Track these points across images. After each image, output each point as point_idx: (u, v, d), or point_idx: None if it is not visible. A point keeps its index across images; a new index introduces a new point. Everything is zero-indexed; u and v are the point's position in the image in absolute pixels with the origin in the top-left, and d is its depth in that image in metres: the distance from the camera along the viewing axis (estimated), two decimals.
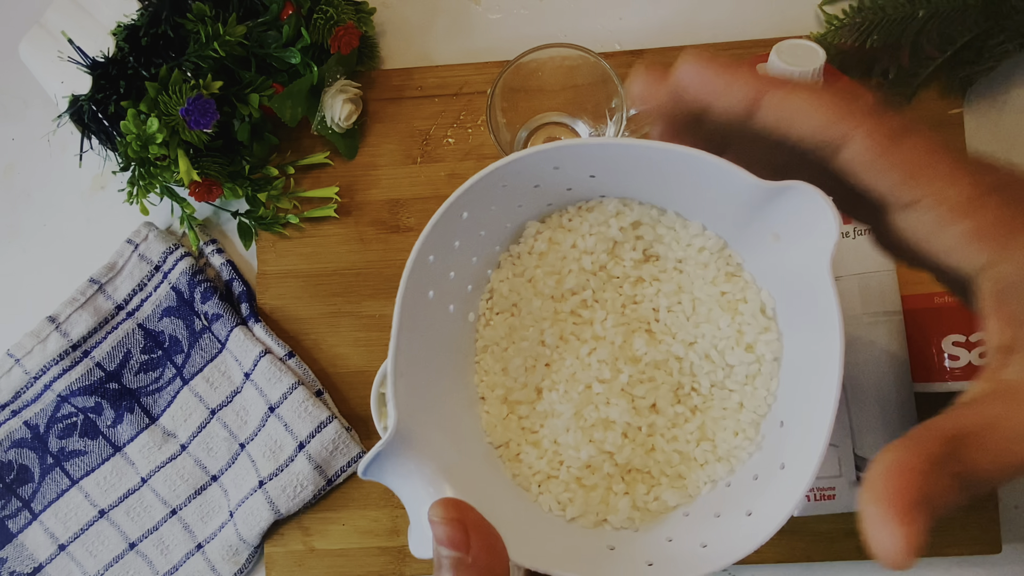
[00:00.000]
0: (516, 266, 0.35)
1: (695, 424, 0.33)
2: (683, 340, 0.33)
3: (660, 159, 0.28)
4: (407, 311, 0.30)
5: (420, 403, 0.31)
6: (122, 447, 0.59)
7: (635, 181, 0.31)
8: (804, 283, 0.28)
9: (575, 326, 0.35)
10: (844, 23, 0.55)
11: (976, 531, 0.53)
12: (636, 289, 0.34)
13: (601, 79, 0.49)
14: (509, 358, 0.35)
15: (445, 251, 0.32)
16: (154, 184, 0.55)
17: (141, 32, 0.53)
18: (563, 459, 0.33)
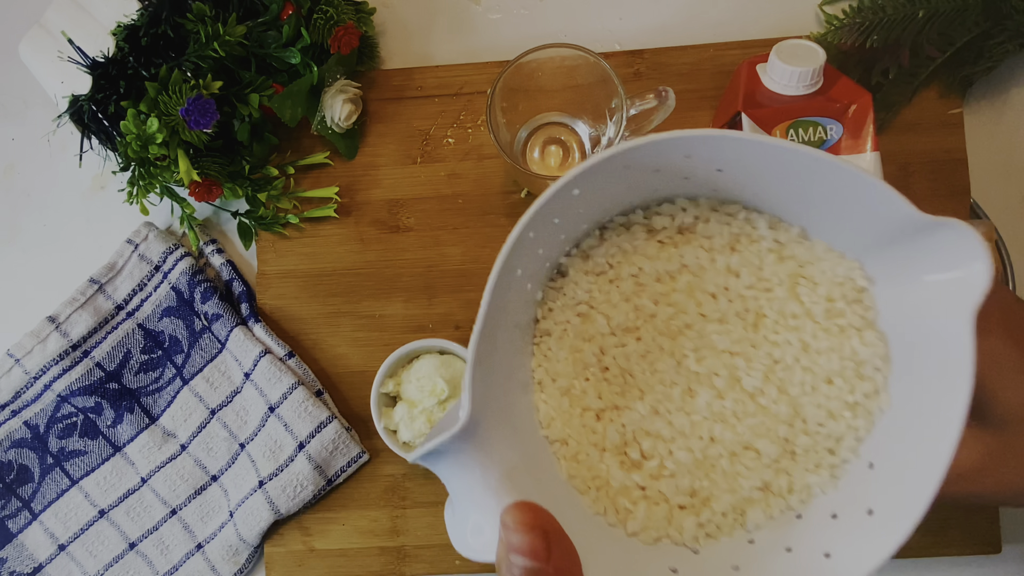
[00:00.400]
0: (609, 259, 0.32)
1: (775, 449, 0.30)
2: (783, 356, 0.30)
3: (808, 167, 0.26)
4: (499, 291, 0.27)
5: (487, 389, 0.28)
6: (122, 447, 0.59)
7: (764, 184, 0.28)
8: (930, 328, 0.26)
9: (665, 335, 0.31)
10: (844, 23, 0.55)
11: (976, 531, 0.53)
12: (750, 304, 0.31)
13: (601, 79, 0.49)
14: (579, 347, 0.31)
15: (543, 228, 0.29)
16: (154, 184, 0.55)
17: (141, 32, 0.53)
18: (625, 462, 0.30)
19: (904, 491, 0.25)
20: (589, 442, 0.31)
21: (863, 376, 0.29)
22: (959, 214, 0.55)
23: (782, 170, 0.27)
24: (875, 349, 0.29)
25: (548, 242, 0.31)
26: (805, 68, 0.46)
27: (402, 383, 0.55)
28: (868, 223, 0.27)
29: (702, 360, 0.31)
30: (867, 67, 0.55)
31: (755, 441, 0.30)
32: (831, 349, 0.29)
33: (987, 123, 0.57)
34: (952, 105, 0.56)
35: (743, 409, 0.30)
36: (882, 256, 0.28)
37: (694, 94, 0.57)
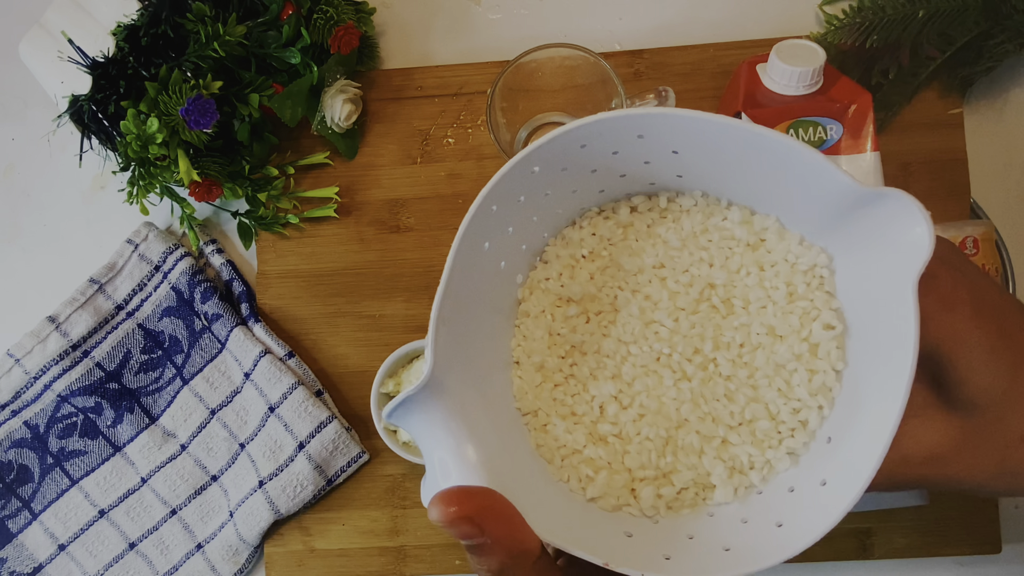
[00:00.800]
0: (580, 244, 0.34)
1: (737, 426, 0.31)
2: (748, 339, 0.31)
3: (756, 145, 0.27)
4: (461, 257, 0.29)
5: (456, 356, 0.29)
6: (122, 447, 0.59)
7: (717, 165, 0.29)
8: (881, 301, 0.26)
9: (633, 306, 0.33)
10: (844, 23, 0.55)
11: (976, 531, 0.53)
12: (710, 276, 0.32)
13: (601, 79, 0.49)
14: (553, 327, 0.33)
15: (509, 203, 0.30)
16: (154, 184, 0.55)
17: (141, 32, 0.53)
18: (593, 435, 0.32)
19: (855, 462, 0.26)
20: (558, 414, 0.32)
21: (825, 357, 0.30)
22: (959, 214, 0.55)
23: (725, 148, 0.28)
24: (835, 331, 0.29)
25: (519, 222, 0.32)
26: (805, 68, 0.46)
27: (402, 383, 0.55)
28: (814, 199, 0.28)
29: (672, 344, 0.32)
30: (867, 67, 0.55)
31: (721, 421, 0.31)
32: (794, 332, 0.30)
33: (987, 123, 0.57)
34: (952, 105, 0.56)
35: (710, 391, 0.31)
36: (834, 233, 0.29)
37: (694, 94, 0.57)
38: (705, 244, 0.32)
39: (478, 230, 0.29)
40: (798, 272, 0.30)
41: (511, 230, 0.32)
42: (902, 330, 0.25)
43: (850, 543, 0.54)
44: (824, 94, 0.48)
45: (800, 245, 0.31)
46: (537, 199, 0.31)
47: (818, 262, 0.30)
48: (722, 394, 0.31)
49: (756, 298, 0.31)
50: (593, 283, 0.33)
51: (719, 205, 0.32)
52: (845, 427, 0.29)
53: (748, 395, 0.31)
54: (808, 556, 0.54)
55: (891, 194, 0.25)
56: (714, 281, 0.32)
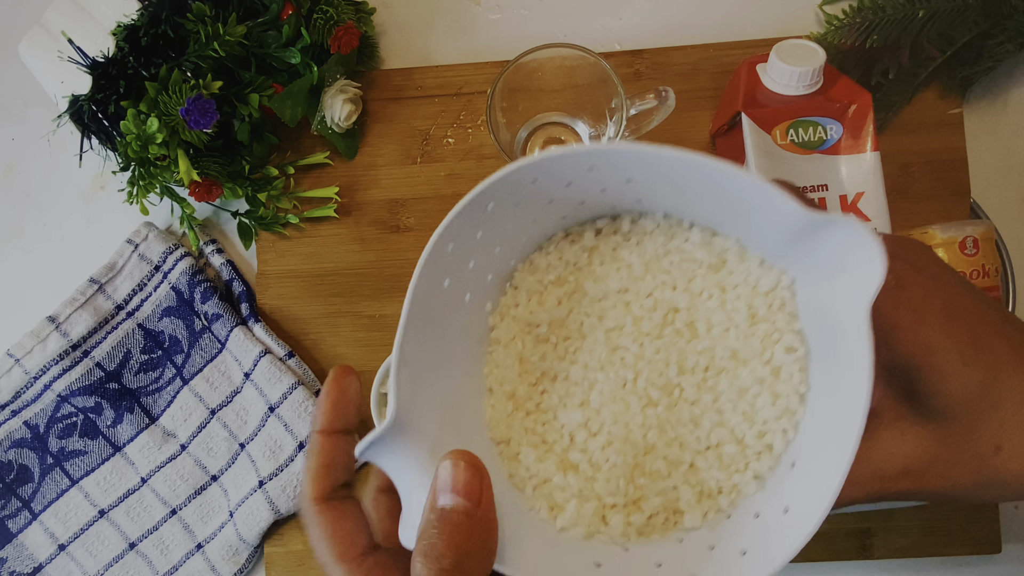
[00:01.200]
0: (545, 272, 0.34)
1: (705, 450, 0.31)
2: (712, 363, 0.31)
3: (700, 174, 0.27)
4: (419, 300, 0.29)
5: (424, 393, 0.29)
6: (122, 447, 0.59)
7: (673, 190, 0.30)
8: (836, 322, 0.26)
9: (600, 333, 0.33)
10: (844, 23, 0.55)
11: (976, 531, 0.53)
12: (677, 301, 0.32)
13: (601, 79, 0.49)
14: (524, 354, 0.33)
15: (466, 241, 0.30)
16: (154, 184, 0.55)
17: (141, 32, 0.53)
18: (563, 463, 0.32)
19: (816, 488, 0.26)
20: (529, 443, 0.32)
21: (787, 380, 0.30)
22: (959, 214, 0.55)
23: (675, 177, 0.28)
24: (797, 353, 0.29)
25: (480, 256, 0.32)
26: (805, 68, 0.46)
27: None
28: (769, 223, 0.28)
29: (638, 370, 0.32)
30: (867, 67, 0.55)
31: (688, 446, 0.31)
32: (756, 355, 0.30)
33: (987, 123, 0.57)
34: (952, 105, 0.56)
35: (676, 417, 0.31)
36: (793, 255, 0.29)
37: (694, 94, 0.57)
38: (668, 267, 0.32)
39: (435, 271, 0.29)
40: (759, 294, 0.30)
41: (472, 264, 0.31)
42: (858, 355, 0.25)
43: (850, 543, 0.54)
44: (824, 94, 0.48)
45: (760, 267, 0.30)
46: (497, 232, 0.31)
47: (779, 283, 0.30)
48: (688, 419, 0.31)
49: (718, 321, 0.31)
50: (561, 308, 0.33)
51: (681, 227, 0.32)
52: (808, 452, 0.28)
53: (714, 420, 0.31)
54: (808, 556, 0.54)
55: (839, 221, 0.24)
56: (677, 305, 0.32)
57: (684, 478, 0.31)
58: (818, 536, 0.57)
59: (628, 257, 0.33)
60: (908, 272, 0.27)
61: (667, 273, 0.32)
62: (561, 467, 0.32)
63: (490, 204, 0.29)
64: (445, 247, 0.29)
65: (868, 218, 0.47)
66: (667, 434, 0.31)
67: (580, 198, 0.31)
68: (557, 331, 0.33)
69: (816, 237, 0.26)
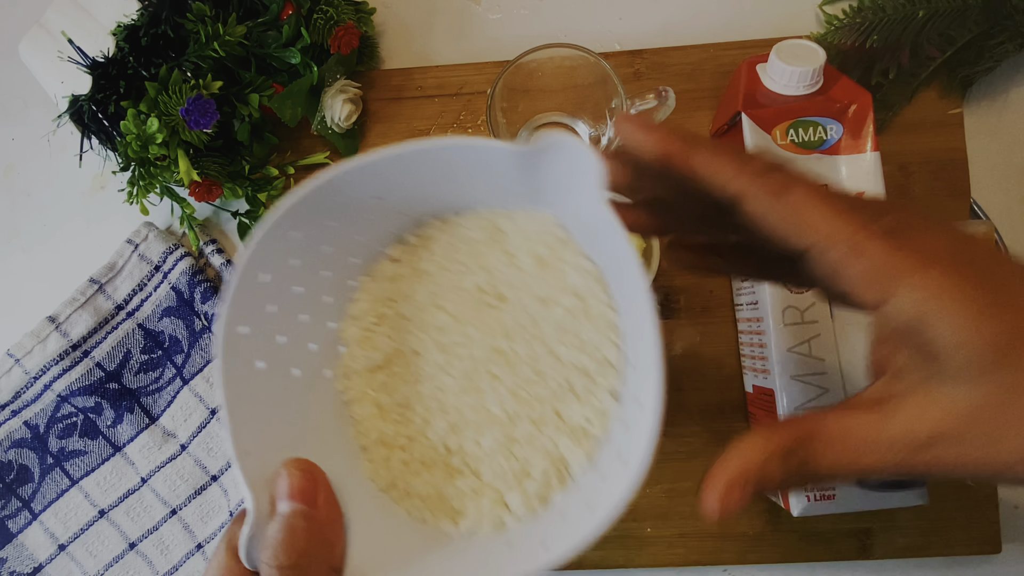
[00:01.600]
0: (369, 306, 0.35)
1: (561, 396, 0.32)
2: (528, 316, 0.33)
3: (422, 160, 0.29)
4: (233, 388, 0.30)
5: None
6: (122, 447, 0.59)
7: (420, 191, 0.32)
8: (596, 234, 0.29)
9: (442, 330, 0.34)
10: (844, 23, 0.55)
11: (976, 531, 0.53)
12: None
13: (601, 79, 0.49)
14: (378, 399, 0.34)
15: (258, 319, 0.30)
16: (154, 184, 0.55)
17: (141, 32, 0.53)
18: (450, 472, 0.33)
19: (650, 377, 0.26)
20: (412, 474, 0.33)
21: (594, 298, 0.31)
22: (959, 214, 0.55)
23: (409, 177, 0.30)
24: (589, 272, 0.31)
25: (285, 327, 0.32)
26: (805, 68, 0.46)
27: None
28: (501, 175, 0.30)
29: (474, 356, 0.33)
30: (867, 67, 0.55)
31: (544, 399, 0.32)
32: (560, 292, 0.32)
33: (987, 123, 0.57)
34: (952, 105, 0.56)
35: (523, 379, 0.32)
36: (542, 197, 0.31)
37: (694, 94, 0.57)
38: (458, 259, 0.34)
39: (239, 358, 0.30)
40: (536, 241, 0.32)
41: (284, 339, 0.32)
42: (621, 248, 0.26)
43: (850, 543, 0.54)
44: (824, 94, 0.48)
45: (527, 219, 0.32)
46: (293, 301, 0.32)
47: (546, 225, 0.32)
48: (533, 375, 0.32)
49: (516, 280, 0.33)
50: (393, 341, 0.34)
51: (453, 220, 0.34)
52: (636, 348, 0.29)
53: (553, 365, 0.32)
54: (808, 556, 0.54)
55: (542, 143, 0.26)
56: (480, 285, 0.33)
57: (556, 429, 0.32)
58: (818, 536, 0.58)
59: (426, 267, 0.34)
60: (909, 218, 0.24)
61: (460, 263, 0.34)
62: (448, 478, 0.32)
63: (266, 276, 0.30)
64: (234, 331, 0.30)
65: None
66: (522, 398, 0.32)
67: (354, 236, 0.33)
68: (397, 362, 0.34)
69: (542, 169, 0.28)
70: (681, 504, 0.55)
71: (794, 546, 0.54)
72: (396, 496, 0.33)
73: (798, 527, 0.54)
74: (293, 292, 0.32)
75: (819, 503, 0.46)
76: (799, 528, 0.54)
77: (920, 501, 0.46)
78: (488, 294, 0.33)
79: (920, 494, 0.46)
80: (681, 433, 0.55)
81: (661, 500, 0.55)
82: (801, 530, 0.54)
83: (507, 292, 0.33)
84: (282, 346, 0.32)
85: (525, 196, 0.32)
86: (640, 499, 0.55)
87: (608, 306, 0.31)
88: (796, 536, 0.54)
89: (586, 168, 0.26)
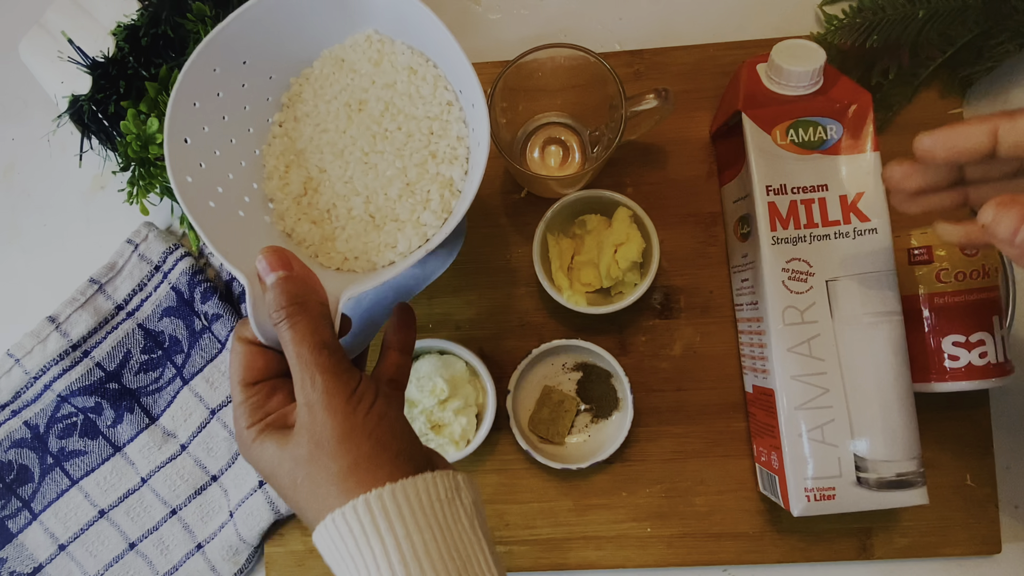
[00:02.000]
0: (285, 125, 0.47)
1: (427, 157, 0.44)
2: (386, 103, 0.45)
3: (267, 15, 0.41)
4: (199, 217, 0.39)
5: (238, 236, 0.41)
6: (122, 447, 0.59)
7: (277, 43, 0.44)
8: (408, 22, 0.42)
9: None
10: (844, 23, 0.55)
11: (976, 531, 0.53)
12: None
13: (601, 79, 0.49)
14: (292, 163, 0.46)
15: (197, 136, 0.42)
16: (154, 184, 0.55)
17: (141, 32, 0.53)
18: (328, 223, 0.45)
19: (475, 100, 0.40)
20: (347, 240, 0.44)
21: (433, 78, 0.44)
22: (959, 214, 0.55)
23: (259, 35, 0.42)
24: (425, 64, 0.45)
25: (223, 142, 0.44)
26: (805, 68, 0.46)
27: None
28: (330, 16, 0.44)
29: (352, 139, 0.45)
30: (867, 67, 0.55)
31: (420, 161, 0.44)
32: (404, 81, 0.45)
33: None
34: (952, 105, 0.56)
35: (392, 147, 0.44)
36: (361, 20, 0.44)
37: (694, 94, 0.57)
38: (321, 94, 0.45)
39: (194, 193, 0.40)
40: (368, 51, 0.45)
41: (221, 190, 0.43)
42: (424, 23, 0.40)
43: (850, 543, 0.54)
44: (824, 94, 0.48)
45: (354, 41, 0.45)
46: (216, 134, 0.43)
47: (370, 38, 0.45)
48: (404, 137, 0.44)
49: (365, 83, 0.45)
50: (303, 171, 0.46)
51: (307, 71, 0.46)
52: (465, 89, 0.42)
53: (415, 123, 0.44)
54: (808, 556, 0.54)
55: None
56: (343, 101, 0.45)
57: (435, 162, 0.44)
58: (818, 536, 0.58)
59: (302, 111, 0.46)
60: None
61: (325, 95, 0.46)
62: (377, 230, 0.44)
63: (196, 102, 0.42)
64: (187, 102, 0.41)
65: (868, 218, 0.47)
66: (404, 154, 0.44)
67: (266, 75, 0.45)
68: (311, 183, 0.46)
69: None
70: (681, 504, 0.55)
71: (794, 546, 0.54)
72: (348, 265, 0.45)
73: (798, 527, 0.54)
74: (222, 117, 0.44)
75: (819, 503, 0.46)
76: (799, 528, 0.54)
77: (920, 501, 0.46)
78: (352, 107, 0.45)
79: (920, 494, 0.46)
80: (681, 433, 0.55)
81: (661, 500, 0.55)
82: (801, 530, 0.54)
83: (363, 96, 0.45)
84: (222, 195, 0.43)
85: (348, 25, 0.45)
86: (640, 499, 0.55)
87: (432, 65, 0.44)
88: (796, 536, 0.54)
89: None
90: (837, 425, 0.46)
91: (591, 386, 0.56)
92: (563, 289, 0.53)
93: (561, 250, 0.55)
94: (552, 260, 0.54)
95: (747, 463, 0.55)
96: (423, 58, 0.45)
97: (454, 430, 0.53)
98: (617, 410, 0.55)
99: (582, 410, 0.56)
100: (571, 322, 0.56)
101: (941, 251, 0.48)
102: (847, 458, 0.46)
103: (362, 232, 0.45)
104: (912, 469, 0.46)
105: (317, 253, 0.46)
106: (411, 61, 0.45)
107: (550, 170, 0.56)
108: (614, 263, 0.53)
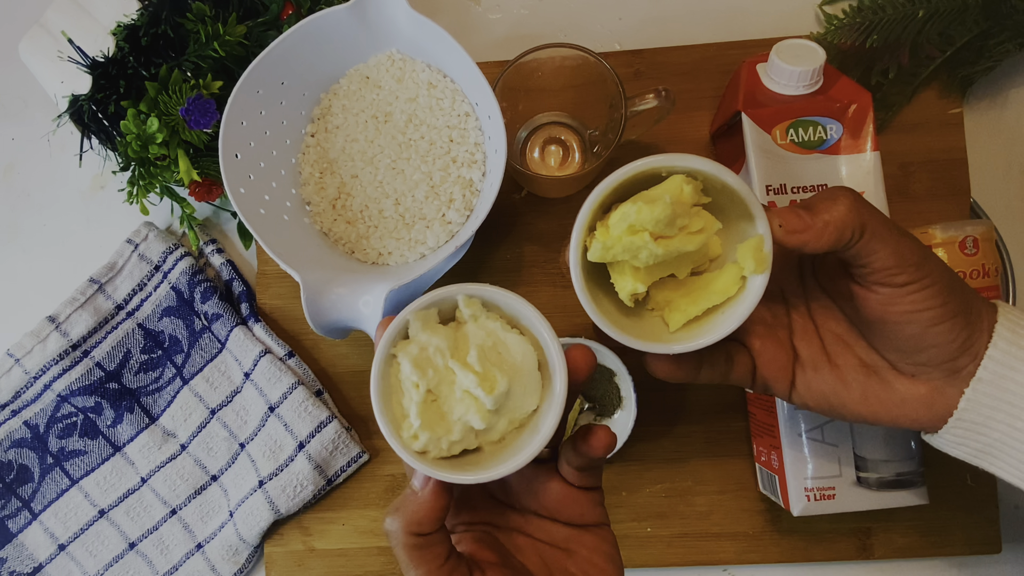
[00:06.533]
0: (319, 134, 0.54)
1: (449, 163, 0.51)
2: (415, 118, 0.52)
3: (300, 40, 0.48)
4: (253, 222, 0.48)
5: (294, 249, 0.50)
6: (122, 447, 0.59)
7: (305, 67, 0.50)
8: (426, 40, 0.48)
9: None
10: (844, 23, 0.55)
11: (976, 531, 0.53)
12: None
13: (601, 79, 0.49)
14: (326, 188, 0.53)
15: (246, 151, 0.50)
16: (154, 184, 0.55)
17: (141, 32, 0.53)
18: (371, 226, 0.53)
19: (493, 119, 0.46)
20: (345, 220, 0.52)
21: (458, 98, 0.52)
22: (959, 214, 0.55)
23: (293, 59, 0.49)
24: (439, 81, 0.52)
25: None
26: (805, 68, 0.46)
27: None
28: (356, 32, 0.49)
29: (381, 147, 0.51)
30: (867, 67, 0.55)
31: (443, 166, 0.51)
32: (425, 96, 0.52)
33: (987, 123, 0.57)
34: (952, 105, 0.56)
35: (417, 154, 0.52)
36: (384, 41, 0.51)
37: (694, 94, 0.57)
38: (350, 107, 0.52)
39: (247, 202, 0.49)
40: (391, 69, 0.52)
41: (268, 198, 0.51)
42: (440, 41, 0.47)
43: (850, 543, 0.54)
44: (824, 94, 0.48)
45: (377, 59, 0.52)
46: (260, 148, 0.51)
47: (392, 57, 0.52)
48: (427, 145, 0.51)
49: (390, 98, 0.52)
50: (336, 178, 0.53)
51: (335, 87, 0.53)
52: (482, 105, 0.50)
53: (436, 132, 0.51)
54: (808, 556, 0.54)
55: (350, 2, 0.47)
56: (371, 114, 0.52)
57: (456, 166, 0.51)
58: (818, 536, 0.58)
59: (333, 123, 0.53)
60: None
61: (353, 108, 0.52)
62: (407, 229, 0.52)
63: (242, 121, 0.50)
64: (233, 155, 0.50)
65: None
66: (428, 160, 0.51)
67: (301, 90, 0.52)
68: (344, 188, 0.53)
69: (371, 16, 0.48)
70: (681, 504, 0.55)
71: (794, 546, 0.54)
72: (382, 259, 0.52)
73: (798, 527, 0.54)
74: (264, 132, 0.51)
75: (819, 503, 0.46)
76: (799, 528, 0.54)
77: (920, 501, 0.46)
78: (379, 119, 0.52)
79: (920, 494, 0.46)
80: (681, 433, 0.55)
81: (661, 500, 0.55)
82: (801, 530, 0.54)
83: (388, 109, 0.52)
84: (269, 202, 0.50)
85: (372, 46, 0.51)
86: (640, 499, 0.55)
87: (450, 80, 0.51)
88: (796, 536, 0.54)
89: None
90: (837, 425, 0.46)
91: (594, 385, 0.56)
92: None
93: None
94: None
95: (747, 463, 0.55)
96: (440, 74, 0.51)
97: None
98: (620, 409, 0.55)
99: (584, 409, 0.56)
100: (572, 321, 0.57)
101: (941, 251, 0.48)
102: (847, 458, 0.46)
103: (393, 230, 0.51)
104: (912, 469, 0.46)
105: (354, 250, 0.52)
106: (430, 77, 0.51)
107: (550, 170, 0.56)
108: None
